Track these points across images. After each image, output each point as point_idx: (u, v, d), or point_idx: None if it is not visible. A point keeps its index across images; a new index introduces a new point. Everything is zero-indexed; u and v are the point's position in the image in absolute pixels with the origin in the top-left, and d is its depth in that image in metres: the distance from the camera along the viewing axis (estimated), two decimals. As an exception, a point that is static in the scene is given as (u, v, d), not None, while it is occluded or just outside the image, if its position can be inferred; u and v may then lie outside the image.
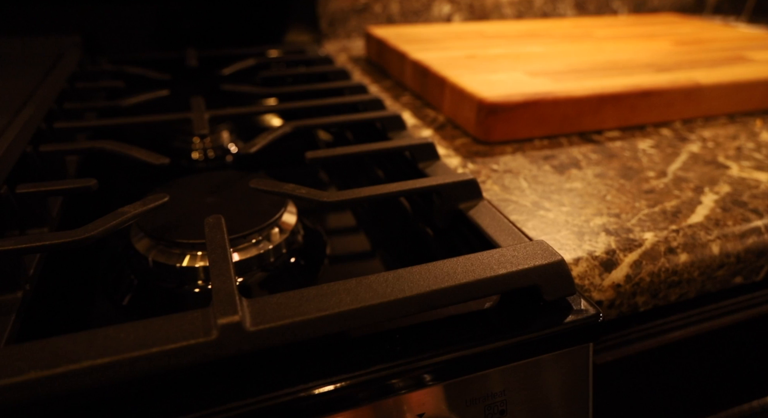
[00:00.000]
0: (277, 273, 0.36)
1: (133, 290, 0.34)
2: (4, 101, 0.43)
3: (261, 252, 0.36)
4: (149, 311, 0.32)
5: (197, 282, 0.34)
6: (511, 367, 0.28)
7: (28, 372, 0.20)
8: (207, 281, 0.34)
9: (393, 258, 0.37)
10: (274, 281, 0.35)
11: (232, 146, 0.57)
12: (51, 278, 0.33)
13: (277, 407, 0.24)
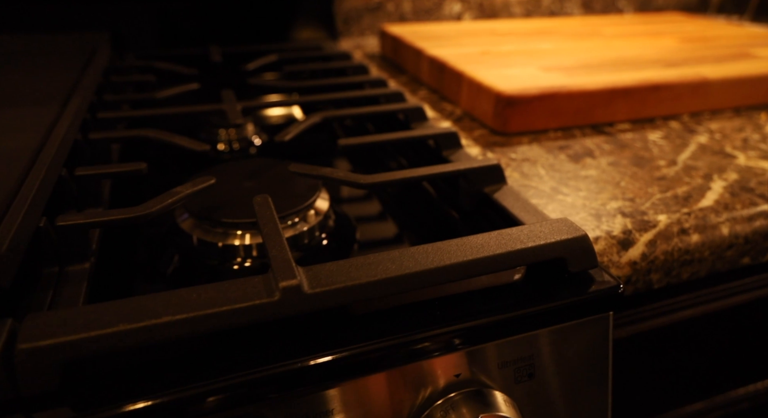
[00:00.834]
0: (311, 254, 0.38)
1: (179, 265, 0.37)
2: (50, 93, 0.46)
3: (297, 233, 0.38)
4: (194, 285, 0.35)
5: (237, 260, 0.37)
6: (539, 333, 0.31)
7: (118, 325, 0.23)
8: (246, 259, 0.37)
9: (421, 240, 0.40)
10: (309, 262, 0.37)
11: (256, 138, 0.59)
12: (107, 254, 0.35)
13: (329, 364, 0.26)
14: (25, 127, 0.38)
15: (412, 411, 0.29)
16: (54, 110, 0.42)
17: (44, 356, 0.22)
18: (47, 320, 0.23)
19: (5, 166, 0.32)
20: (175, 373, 0.25)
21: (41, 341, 0.22)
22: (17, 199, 0.29)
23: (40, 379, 0.22)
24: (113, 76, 0.56)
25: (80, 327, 0.23)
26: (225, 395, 0.25)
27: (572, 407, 0.33)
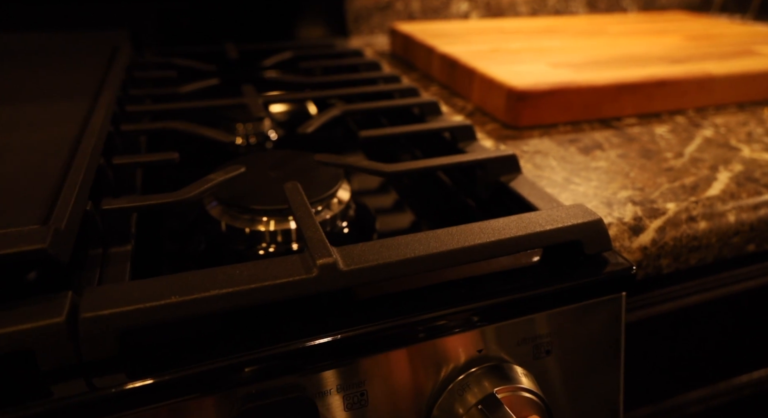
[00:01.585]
0: (333, 241, 0.40)
1: (208, 250, 0.39)
2: (81, 87, 0.47)
3: (321, 220, 0.40)
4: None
5: (262, 245, 0.38)
6: (556, 312, 0.32)
7: (170, 297, 0.25)
8: (270, 244, 0.38)
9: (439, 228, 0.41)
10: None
11: (272, 133, 0.61)
12: (140, 239, 0.37)
13: (360, 338, 0.28)
14: (62, 119, 0.40)
15: (437, 383, 0.30)
16: (86, 104, 0.44)
17: (105, 325, 0.24)
18: (106, 293, 0.25)
19: (50, 154, 0.34)
20: (219, 344, 0.26)
21: (102, 310, 0.24)
22: (66, 185, 0.30)
23: (100, 346, 0.24)
24: (136, 72, 0.58)
25: (136, 299, 0.25)
26: (265, 365, 0.26)
27: (587, 384, 0.34)
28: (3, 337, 0.22)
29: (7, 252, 0.23)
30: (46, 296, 0.24)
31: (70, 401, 0.23)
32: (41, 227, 0.25)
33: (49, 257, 0.24)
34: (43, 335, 0.23)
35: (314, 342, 0.27)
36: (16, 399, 0.23)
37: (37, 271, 0.27)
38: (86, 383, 0.24)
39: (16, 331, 0.22)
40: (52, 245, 0.24)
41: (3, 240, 0.23)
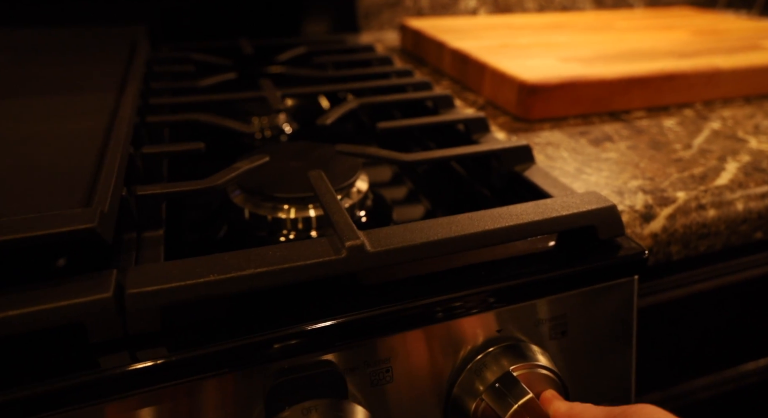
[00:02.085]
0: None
1: (232, 236, 0.40)
2: (106, 81, 0.49)
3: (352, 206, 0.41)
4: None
5: (283, 232, 0.40)
6: (571, 294, 0.34)
7: (209, 276, 0.26)
8: (291, 231, 0.40)
9: (456, 214, 0.43)
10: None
11: (286, 126, 0.62)
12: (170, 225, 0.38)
13: (387, 317, 0.29)
14: (91, 110, 0.42)
15: (457, 361, 0.32)
16: (112, 96, 0.45)
17: (148, 300, 0.25)
18: (148, 271, 0.26)
19: (84, 142, 0.36)
20: (252, 321, 0.28)
21: (146, 287, 0.25)
22: (103, 171, 0.32)
23: (144, 321, 0.25)
24: (155, 67, 0.59)
25: (177, 277, 0.26)
26: (296, 341, 0.28)
27: (600, 364, 0.36)
28: (56, 310, 0.24)
29: (59, 231, 0.24)
30: (92, 274, 0.26)
31: (115, 372, 0.25)
32: (87, 209, 0.26)
33: (96, 236, 0.25)
34: (93, 309, 0.24)
35: (343, 320, 0.28)
36: (66, 369, 0.24)
37: (82, 250, 0.28)
38: (130, 356, 0.25)
39: (69, 305, 0.24)
40: (99, 225, 0.25)
41: (54, 220, 0.25)
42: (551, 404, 0.30)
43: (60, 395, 0.24)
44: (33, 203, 0.28)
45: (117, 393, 0.25)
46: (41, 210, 0.27)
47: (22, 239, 0.24)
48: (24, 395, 0.23)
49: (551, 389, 0.31)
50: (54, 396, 0.24)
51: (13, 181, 0.31)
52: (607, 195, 0.42)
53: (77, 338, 0.25)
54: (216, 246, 0.39)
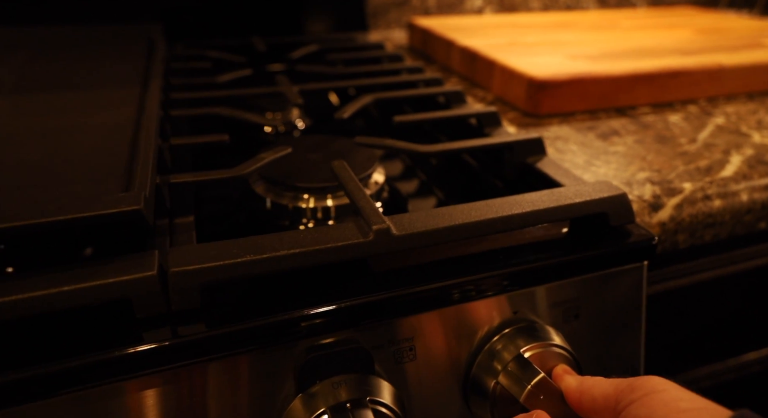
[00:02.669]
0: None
1: (254, 224, 0.42)
2: (128, 76, 0.50)
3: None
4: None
5: (303, 220, 0.41)
6: (584, 279, 0.35)
7: (245, 256, 0.28)
8: (310, 220, 0.41)
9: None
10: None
11: (299, 122, 0.64)
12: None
13: (411, 297, 0.31)
14: (119, 104, 0.43)
15: (477, 341, 0.33)
16: (137, 91, 0.47)
17: (190, 279, 0.27)
18: (189, 252, 0.28)
19: (117, 133, 0.37)
20: (285, 300, 0.29)
21: (187, 266, 0.27)
22: (138, 160, 0.33)
23: (185, 298, 0.27)
24: (174, 63, 0.61)
25: (215, 257, 0.27)
26: (326, 319, 0.29)
27: (611, 347, 0.37)
28: (107, 286, 0.25)
29: (109, 212, 0.26)
30: (135, 254, 0.27)
31: (158, 346, 0.26)
32: (132, 193, 0.28)
33: (141, 217, 0.27)
34: (140, 285, 0.26)
35: (369, 299, 0.30)
36: (112, 343, 0.26)
37: (123, 232, 0.29)
38: (172, 331, 0.27)
39: (117, 281, 0.25)
40: (145, 207, 0.26)
41: (101, 203, 0.26)
42: (563, 380, 0.31)
43: (108, 366, 0.25)
44: (75, 189, 0.30)
45: (159, 366, 0.27)
46: (84, 195, 0.28)
47: (75, 219, 0.25)
48: (76, 365, 0.25)
49: (564, 365, 0.32)
50: (103, 367, 0.25)
51: (55, 169, 0.32)
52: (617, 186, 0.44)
53: (119, 315, 0.27)
54: (240, 233, 0.40)
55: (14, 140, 0.36)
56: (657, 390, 0.26)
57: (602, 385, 0.29)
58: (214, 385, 0.28)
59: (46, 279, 0.25)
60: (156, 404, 0.27)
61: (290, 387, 0.30)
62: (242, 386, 0.29)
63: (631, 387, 0.27)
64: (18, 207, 0.26)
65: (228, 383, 0.28)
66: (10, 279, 0.25)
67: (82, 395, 0.26)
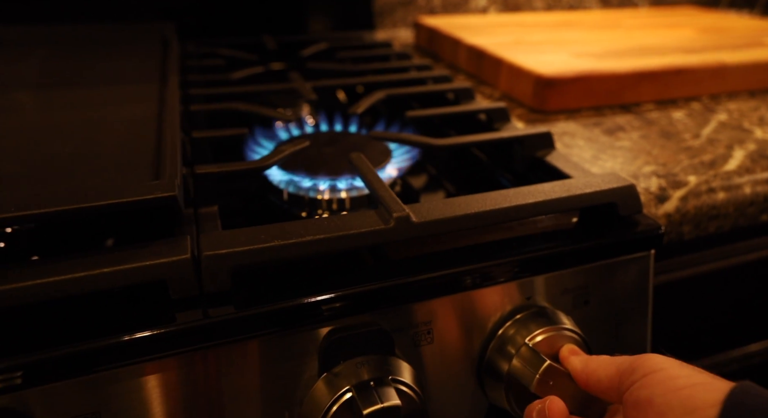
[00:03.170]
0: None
1: (272, 215, 0.43)
2: (147, 73, 0.52)
3: (373, 192, 0.44)
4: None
5: (319, 211, 0.43)
6: (593, 266, 0.37)
7: (273, 241, 0.29)
8: (326, 211, 0.42)
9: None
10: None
11: (309, 119, 0.65)
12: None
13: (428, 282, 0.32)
14: (140, 99, 0.45)
15: (492, 325, 0.35)
16: (156, 87, 0.48)
17: (221, 262, 0.28)
18: (220, 237, 0.29)
19: (142, 126, 0.39)
20: (310, 284, 0.31)
21: (219, 250, 0.28)
22: (165, 152, 0.35)
23: (217, 280, 0.28)
24: (188, 61, 0.62)
25: (245, 242, 0.29)
26: (348, 302, 0.31)
27: (619, 332, 0.39)
28: (144, 269, 0.26)
29: (146, 197, 0.27)
30: (168, 239, 0.29)
31: (190, 326, 0.27)
32: (166, 180, 0.29)
33: (176, 203, 0.28)
34: (175, 268, 0.27)
35: (390, 284, 0.31)
36: (147, 323, 0.27)
37: (158, 217, 0.31)
38: (203, 312, 0.28)
39: (155, 264, 0.27)
40: (179, 194, 0.28)
41: (138, 189, 0.28)
42: (569, 362, 0.32)
43: (143, 345, 0.27)
44: (109, 178, 0.31)
45: (190, 345, 0.28)
46: (118, 183, 0.30)
47: (115, 204, 0.27)
48: (111, 343, 0.26)
49: (570, 345, 0.33)
50: (139, 345, 0.27)
51: (86, 160, 0.34)
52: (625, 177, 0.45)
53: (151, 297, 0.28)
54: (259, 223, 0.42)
55: (44, 133, 0.37)
56: (655, 370, 0.27)
57: (606, 366, 0.30)
58: (241, 365, 0.29)
59: (89, 262, 0.26)
60: (186, 382, 0.28)
61: (314, 367, 0.31)
62: (268, 366, 0.30)
63: (631, 368, 0.28)
64: (57, 194, 0.27)
65: (255, 363, 0.30)
66: (54, 261, 0.26)
67: (116, 373, 0.27)
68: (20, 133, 0.37)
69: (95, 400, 0.27)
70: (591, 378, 0.30)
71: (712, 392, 0.24)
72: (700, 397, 0.25)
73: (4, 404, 0.25)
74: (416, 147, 0.43)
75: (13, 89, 0.46)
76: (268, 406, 0.30)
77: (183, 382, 0.28)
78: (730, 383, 0.25)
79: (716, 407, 0.24)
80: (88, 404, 0.26)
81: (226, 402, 0.29)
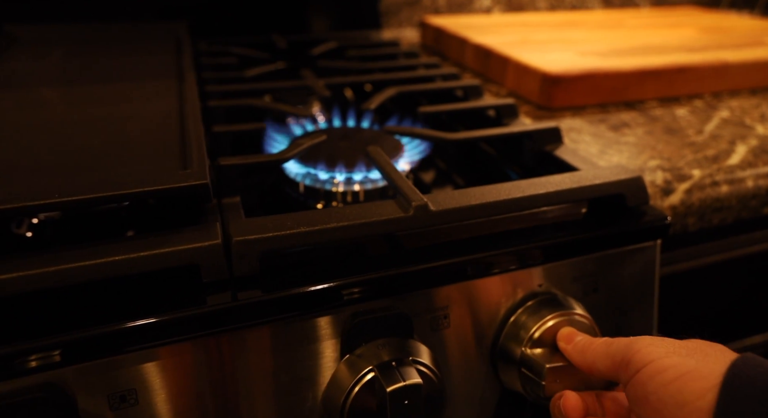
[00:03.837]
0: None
1: (289, 207, 0.44)
2: (163, 70, 0.53)
3: (386, 185, 0.45)
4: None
5: (333, 203, 0.44)
6: (602, 255, 0.38)
7: (299, 228, 0.30)
8: (339, 203, 0.44)
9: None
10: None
11: (319, 116, 0.67)
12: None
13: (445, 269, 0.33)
14: (160, 95, 0.46)
15: (505, 310, 0.36)
16: (174, 83, 0.50)
17: (250, 247, 0.29)
18: (248, 223, 0.30)
19: (165, 120, 0.40)
20: (334, 269, 0.32)
21: (248, 235, 0.29)
22: (190, 144, 0.36)
23: (246, 264, 0.30)
24: (202, 59, 0.64)
25: (272, 228, 0.30)
26: (369, 287, 0.32)
27: (626, 319, 0.40)
28: (179, 253, 0.28)
29: (181, 185, 0.29)
30: (198, 226, 0.30)
31: (221, 307, 0.29)
32: (197, 170, 0.30)
33: (208, 190, 0.29)
34: (207, 252, 0.28)
35: (409, 270, 0.32)
36: (179, 304, 0.28)
37: (185, 206, 0.32)
38: (232, 296, 0.29)
39: (189, 248, 0.28)
40: (211, 182, 0.29)
41: (173, 177, 0.29)
42: (566, 353, 0.33)
43: (177, 326, 0.28)
44: (139, 168, 0.33)
45: (221, 326, 0.29)
46: (150, 173, 0.31)
47: (151, 191, 0.28)
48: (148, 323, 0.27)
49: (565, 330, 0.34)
50: (173, 326, 0.28)
51: (115, 152, 0.35)
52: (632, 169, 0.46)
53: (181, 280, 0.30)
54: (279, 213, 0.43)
55: (74, 127, 0.38)
56: (645, 363, 0.27)
57: (603, 359, 0.30)
58: (268, 346, 0.31)
59: (127, 246, 0.27)
60: (215, 362, 0.30)
61: (336, 350, 0.32)
62: (293, 348, 0.31)
63: (625, 361, 0.28)
64: (96, 182, 0.28)
65: (281, 345, 0.31)
66: (94, 246, 0.27)
67: (152, 352, 0.28)
68: (51, 126, 0.38)
69: (132, 377, 0.28)
70: (591, 369, 0.31)
71: (699, 380, 0.25)
72: (689, 389, 0.25)
73: (46, 379, 0.26)
74: (430, 141, 0.45)
75: (37, 86, 0.47)
76: (294, 386, 0.32)
77: (212, 362, 0.30)
78: (719, 361, 0.25)
79: (712, 392, 0.24)
80: (125, 381, 0.28)
81: (254, 382, 0.31)
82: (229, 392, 0.30)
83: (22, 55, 0.57)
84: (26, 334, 0.26)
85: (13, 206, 0.26)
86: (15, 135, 0.37)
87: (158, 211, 0.35)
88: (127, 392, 0.28)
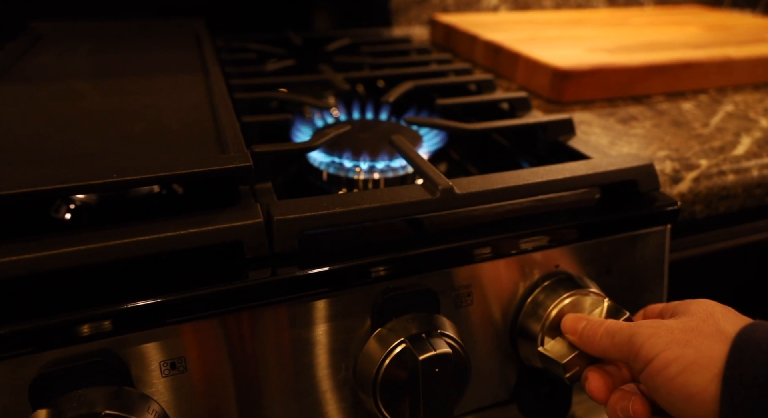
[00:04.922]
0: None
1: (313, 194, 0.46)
2: (188, 64, 0.55)
3: (406, 174, 0.47)
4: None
5: (354, 191, 0.46)
6: (615, 238, 0.40)
7: (335, 208, 0.32)
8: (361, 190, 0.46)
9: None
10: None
11: (334, 110, 0.69)
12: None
13: (469, 249, 0.35)
14: (189, 87, 0.48)
15: (524, 289, 0.38)
16: (200, 77, 0.52)
17: (290, 226, 0.31)
18: (287, 204, 0.32)
19: (198, 110, 0.42)
20: (364, 249, 0.34)
21: (288, 215, 0.31)
22: (227, 132, 0.38)
23: (286, 242, 0.32)
24: (222, 54, 0.66)
25: (310, 209, 0.32)
26: (399, 265, 0.34)
27: (638, 300, 0.42)
28: (224, 230, 0.30)
29: (227, 167, 0.31)
30: (241, 205, 0.32)
31: (263, 281, 0.31)
32: (237, 154, 0.32)
33: (251, 172, 0.31)
34: (251, 230, 0.30)
35: (436, 248, 0.34)
36: (223, 279, 0.30)
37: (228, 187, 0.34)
38: (272, 271, 0.31)
39: (233, 226, 0.30)
40: (253, 164, 0.31)
41: (218, 160, 0.31)
42: (575, 343, 0.34)
43: (223, 298, 0.30)
44: (181, 153, 0.35)
45: (262, 299, 0.31)
46: (194, 157, 0.33)
47: (200, 172, 0.30)
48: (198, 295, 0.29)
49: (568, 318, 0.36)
50: (220, 298, 0.30)
51: (156, 138, 0.37)
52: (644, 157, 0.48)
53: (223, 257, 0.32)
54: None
55: (112, 116, 0.40)
56: (650, 358, 0.28)
57: (612, 352, 0.31)
58: (304, 320, 0.33)
59: (176, 224, 0.29)
60: (256, 334, 0.32)
61: (367, 324, 0.34)
62: (328, 322, 0.33)
63: (632, 353, 0.29)
64: (144, 165, 0.30)
65: (317, 318, 0.33)
66: (145, 224, 0.29)
67: (201, 323, 0.30)
68: (91, 116, 0.40)
69: (182, 346, 0.30)
70: (605, 357, 0.33)
71: (701, 373, 0.26)
72: (693, 382, 0.26)
73: (104, 346, 0.28)
74: (450, 132, 0.47)
75: (70, 79, 0.49)
76: (330, 358, 0.34)
77: (254, 334, 0.32)
78: (716, 345, 0.26)
79: (714, 383, 0.26)
80: (175, 349, 0.30)
81: (292, 353, 0.33)
82: (269, 362, 0.32)
83: (51, 51, 0.59)
84: (81, 304, 0.28)
85: (87, 183, 0.28)
86: (59, 125, 0.39)
87: (190, 198, 0.37)
88: (177, 360, 0.30)
